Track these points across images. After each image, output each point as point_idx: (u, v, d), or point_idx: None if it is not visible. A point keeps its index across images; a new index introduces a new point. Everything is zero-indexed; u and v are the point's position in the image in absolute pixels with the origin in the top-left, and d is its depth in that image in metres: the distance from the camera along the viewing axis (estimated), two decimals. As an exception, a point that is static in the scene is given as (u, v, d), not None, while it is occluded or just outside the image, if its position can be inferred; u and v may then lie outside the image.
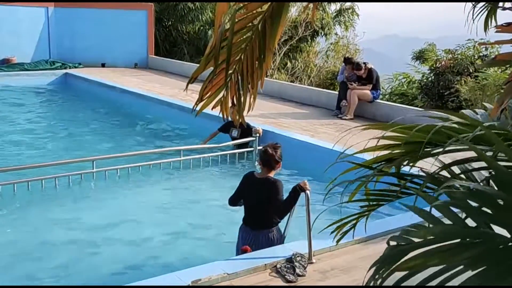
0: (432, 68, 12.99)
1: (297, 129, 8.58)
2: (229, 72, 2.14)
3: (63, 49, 15.81)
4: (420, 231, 1.30)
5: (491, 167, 1.42)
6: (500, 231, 1.27)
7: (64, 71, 14.85)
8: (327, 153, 6.43)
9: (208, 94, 2.26)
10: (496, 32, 2.07)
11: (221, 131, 8.04)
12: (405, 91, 14.40)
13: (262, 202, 4.23)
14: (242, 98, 2.28)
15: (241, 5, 2.09)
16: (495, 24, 2.45)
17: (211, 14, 18.15)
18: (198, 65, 2.14)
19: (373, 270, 1.37)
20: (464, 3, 2.70)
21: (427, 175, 1.80)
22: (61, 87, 14.20)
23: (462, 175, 1.80)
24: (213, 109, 2.37)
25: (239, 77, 2.26)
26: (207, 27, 18.17)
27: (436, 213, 1.37)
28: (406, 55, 16.04)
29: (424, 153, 1.70)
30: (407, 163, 1.83)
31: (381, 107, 9.90)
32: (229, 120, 6.95)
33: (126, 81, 13.33)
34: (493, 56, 2.41)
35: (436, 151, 1.70)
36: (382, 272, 1.34)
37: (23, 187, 6.04)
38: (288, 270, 3.76)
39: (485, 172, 1.77)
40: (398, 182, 1.94)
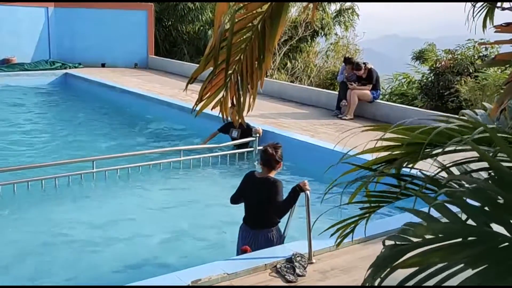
0: (432, 68, 12.99)
1: (297, 129, 8.58)
2: (228, 72, 2.14)
3: (63, 49, 15.80)
4: (419, 229, 1.30)
5: (493, 167, 1.42)
6: (500, 229, 1.27)
7: (64, 71, 14.84)
8: (327, 153, 6.45)
9: (208, 95, 2.26)
10: (496, 32, 2.08)
11: (221, 132, 8.03)
12: (405, 91, 14.40)
13: (262, 202, 4.23)
14: (242, 98, 2.28)
15: (241, 5, 2.09)
16: (492, 24, 2.45)
17: (211, 14, 18.14)
18: (198, 65, 2.14)
19: (371, 270, 1.37)
20: (464, 3, 2.70)
21: (426, 177, 1.80)
22: (61, 87, 14.19)
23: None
24: (212, 109, 2.37)
25: (239, 77, 2.26)
26: (207, 27, 18.17)
27: (436, 215, 1.37)
28: (406, 55, 16.04)
29: (424, 154, 1.70)
30: (407, 164, 1.83)
31: (381, 107, 9.90)
32: (229, 120, 6.94)
33: (126, 81, 13.32)
34: (493, 56, 2.41)
35: (436, 151, 1.71)
36: (382, 271, 1.34)
37: (23, 187, 6.04)
38: (288, 270, 3.76)
39: (484, 174, 1.77)
40: (398, 183, 1.94)
